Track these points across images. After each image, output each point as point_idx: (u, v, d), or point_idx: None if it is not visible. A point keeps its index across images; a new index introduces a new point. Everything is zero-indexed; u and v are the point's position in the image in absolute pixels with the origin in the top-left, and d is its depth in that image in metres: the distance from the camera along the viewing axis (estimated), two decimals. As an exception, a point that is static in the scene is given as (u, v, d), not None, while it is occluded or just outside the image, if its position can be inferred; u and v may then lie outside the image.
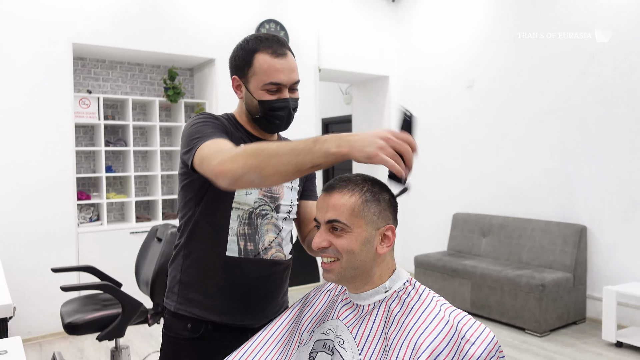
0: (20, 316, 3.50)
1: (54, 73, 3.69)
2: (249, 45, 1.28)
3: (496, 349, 0.94)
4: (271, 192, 1.29)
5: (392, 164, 0.89)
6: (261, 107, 1.26)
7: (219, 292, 1.25)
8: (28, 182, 3.61)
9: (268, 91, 1.25)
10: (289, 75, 1.25)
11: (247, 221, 1.26)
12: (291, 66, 1.26)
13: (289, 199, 1.33)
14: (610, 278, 3.78)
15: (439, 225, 5.13)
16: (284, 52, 1.25)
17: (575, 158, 3.99)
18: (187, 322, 1.26)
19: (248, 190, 1.25)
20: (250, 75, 1.26)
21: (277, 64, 1.23)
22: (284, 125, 1.31)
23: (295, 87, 1.30)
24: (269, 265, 1.28)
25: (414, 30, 5.41)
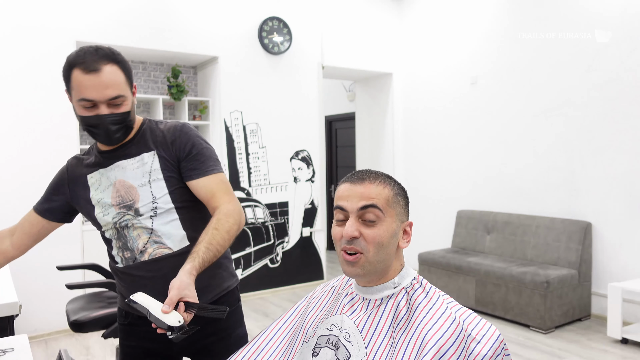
0: (26, 314, 3.52)
1: (57, 71, 3.69)
2: (68, 60, 1.26)
3: (502, 347, 0.94)
4: (124, 203, 1.35)
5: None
6: (81, 122, 1.30)
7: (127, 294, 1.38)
8: (33, 180, 3.62)
9: (83, 107, 1.26)
10: (101, 92, 1.23)
11: (117, 235, 1.39)
12: (103, 82, 1.23)
13: (148, 197, 1.35)
14: (615, 275, 3.77)
15: (443, 223, 5.12)
16: (96, 67, 1.23)
17: (579, 154, 3.97)
18: (123, 311, 1.49)
19: (104, 211, 1.37)
20: (71, 90, 1.27)
21: (86, 80, 1.22)
22: (108, 139, 1.31)
23: (119, 102, 1.27)
24: (150, 264, 1.36)
25: (417, 27, 5.39)
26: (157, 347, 1.42)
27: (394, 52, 5.54)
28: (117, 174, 1.37)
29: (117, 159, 1.38)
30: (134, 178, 1.36)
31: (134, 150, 1.38)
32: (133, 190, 1.35)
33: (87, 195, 1.40)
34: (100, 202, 1.38)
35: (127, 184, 1.36)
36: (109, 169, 1.38)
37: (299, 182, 4.96)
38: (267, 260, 4.79)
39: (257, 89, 4.66)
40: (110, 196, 1.37)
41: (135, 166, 1.36)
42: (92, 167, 1.40)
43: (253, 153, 4.68)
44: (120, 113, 1.28)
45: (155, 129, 1.40)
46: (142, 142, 1.38)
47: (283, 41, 4.73)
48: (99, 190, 1.39)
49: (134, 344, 1.46)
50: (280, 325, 1.19)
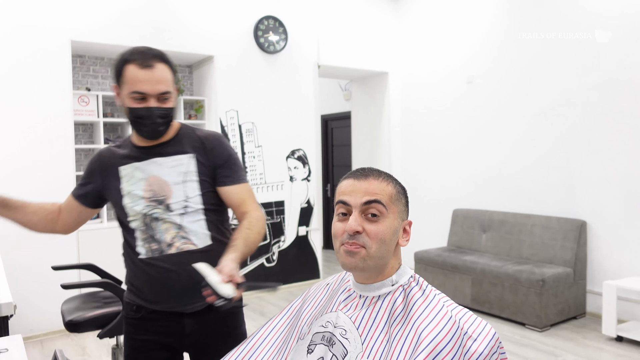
0: (21, 314, 3.50)
1: (52, 71, 3.68)
2: (123, 56, 1.40)
3: (497, 345, 0.95)
4: (156, 197, 1.44)
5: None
6: (129, 114, 1.40)
7: (145, 286, 1.46)
8: (28, 180, 3.61)
9: (134, 99, 1.37)
10: (154, 86, 1.36)
11: (144, 227, 1.45)
12: (156, 77, 1.36)
13: (181, 195, 1.45)
14: (610, 273, 3.79)
15: (439, 221, 5.13)
16: (150, 64, 1.36)
17: (575, 153, 3.99)
18: (133, 306, 1.51)
19: (134, 202, 1.45)
20: (122, 83, 1.39)
21: (141, 74, 1.35)
22: (152, 133, 1.42)
23: (167, 97, 1.39)
24: (176, 257, 1.43)
25: (413, 26, 5.40)
26: (167, 340, 1.48)
27: (390, 51, 5.54)
28: (153, 169, 1.45)
29: (154, 156, 1.46)
30: (169, 175, 1.45)
31: (172, 150, 1.47)
32: (167, 187, 1.44)
33: (117, 185, 1.47)
34: (131, 194, 1.45)
35: (162, 180, 1.45)
36: (144, 163, 1.46)
37: (295, 181, 4.96)
38: (263, 259, 4.78)
39: (253, 88, 4.65)
40: (142, 189, 1.45)
41: (172, 165, 1.46)
42: (126, 159, 1.48)
43: (249, 152, 4.68)
44: (167, 107, 1.40)
45: (192, 135, 1.51)
46: (180, 144, 1.48)
47: (279, 40, 4.72)
48: (130, 182, 1.46)
49: (142, 337, 1.49)
50: (275, 324, 1.19)
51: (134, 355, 1.51)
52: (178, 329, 1.46)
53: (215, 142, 1.51)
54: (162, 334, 1.47)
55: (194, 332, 1.48)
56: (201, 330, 1.48)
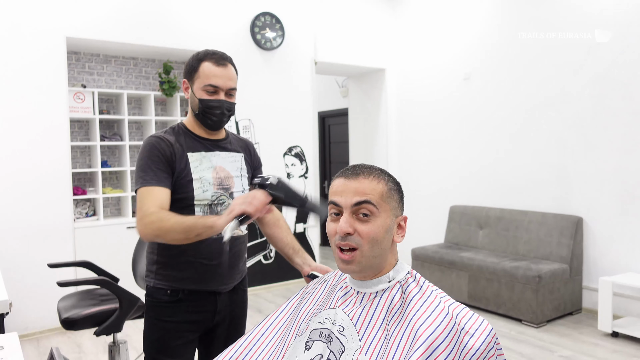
0: (16, 312, 3.49)
1: (48, 67, 3.66)
2: (199, 55, 1.58)
3: (494, 341, 0.95)
4: (223, 185, 1.61)
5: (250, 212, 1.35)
6: (200, 105, 1.56)
7: (191, 266, 1.56)
8: (23, 177, 3.59)
9: (207, 92, 1.55)
10: (226, 82, 1.56)
11: (208, 210, 1.58)
12: (229, 75, 1.57)
13: (240, 186, 1.65)
14: (606, 269, 3.80)
15: (436, 218, 5.14)
16: (224, 63, 1.57)
17: (571, 150, 4.00)
18: (167, 290, 1.58)
19: (204, 187, 1.56)
20: (196, 78, 1.56)
21: (216, 70, 1.54)
22: (217, 124, 1.60)
23: (232, 93, 1.59)
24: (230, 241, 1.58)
25: (410, 22, 5.39)
26: (200, 318, 1.61)
27: (387, 47, 5.54)
28: (218, 160, 1.63)
29: (218, 149, 1.64)
30: (231, 169, 1.65)
31: (230, 147, 1.68)
32: (230, 178, 1.64)
33: (188, 169, 1.56)
34: (202, 179, 1.57)
35: (226, 171, 1.63)
36: (211, 154, 1.62)
37: (292, 178, 4.95)
38: (261, 256, 4.78)
39: (249, 85, 4.64)
40: (211, 176, 1.59)
41: (230, 160, 1.66)
42: (193, 147, 1.60)
43: (246, 149, 4.66)
44: (233, 102, 1.61)
45: (237, 137, 1.76)
46: (233, 144, 1.71)
47: (275, 37, 4.70)
48: (200, 168, 1.58)
49: (176, 318, 1.58)
50: (272, 321, 1.19)
51: (166, 337, 1.58)
52: (211, 306, 1.61)
53: (254, 147, 1.81)
54: (196, 313, 1.60)
55: (223, 308, 1.64)
56: (227, 306, 1.66)
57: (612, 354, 3.14)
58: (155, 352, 1.61)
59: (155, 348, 1.60)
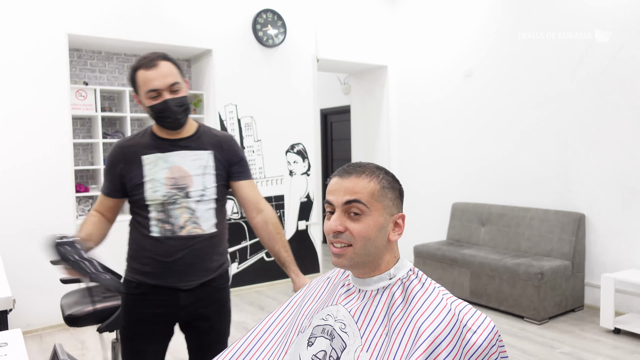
0: (20, 308, 3.50)
1: (49, 65, 3.66)
2: (133, 66, 1.59)
3: (496, 338, 0.95)
4: (177, 185, 1.63)
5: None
6: (150, 112, 1.59)
7: (149, 262, 1.64)
8: (26, 175, 3.60)
9: (151, 98, 1.56)
10: (162, 80, 1.55)
11: (161, 209, 1.62)
12: (162, 72, 1.55)
13: (200, 185, 1.65)
14: (608, 265, 3.80)
15: (438, 215, 5.13)
16: (154, 63, 1.55)
17: (573, 146, 3.99)
18: (134, 283, 1.68)
19: (155, 188, 1.61)
20: (138, 89, 1.59)
21: (149, 74, 1.54)
22: (175, 122, 1.61)
23: (176, 88, 1.58)
24: (186, 240, 1.63)
25: (412, 19, 5.37)
26: (163, 311, 1.66)
27: (389, 44, 5.52)
28: (176, 160, 1.64)
29: (178, 149, 1.65)
30: (190, 167, 1.65)
31: (194, 145, 1.67)
32: (188, 177, 1.64)
33: (140, 172, 1.63)
34: (153, 180, 1.62)
35: (184, 170, 1.64)
36: (168, 154, 1.64)
37: (295, 175, 4.95)
38: (263, 253, 4.79)
39: (251, 82, 4.64)
40: (164, 176, 1.62)
41: (193, 158, 1.66)
42: (149, 149, 1.64)
43: (248, 146, 4.67)
44: (180, 97, 1.59)
45: (210, 134, 1.73)
46: (200, 141, 1.69)
47: (277, 34, 4.70)
48: (154, 170, 1.63)
49: (141, 310, 1.67)
50: (275, 318, 1.19)
51: (132, 327, 1.69)
52: (174, 301, 1.65)
53: (231, 142, 1.75)
54: (159, 307, 1.66)
55: (188, 304, 1.67)
56: (194, 303, 1.67)
57: (614, 351, 3.14)
58: (127, 341, 1.72)
59: (126, 336, 1.71)
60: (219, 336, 1.75)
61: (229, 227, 5.16)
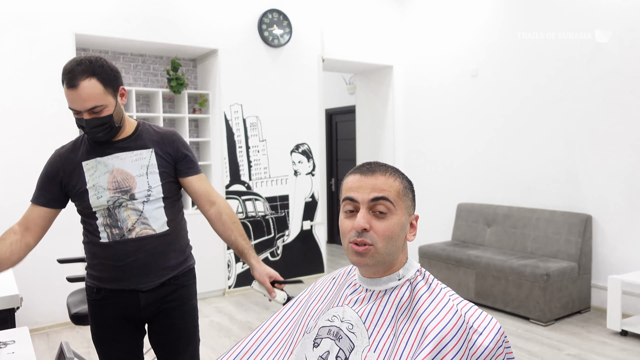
0: (27, 307, 3.52)
1: (56, 64, 3.68)
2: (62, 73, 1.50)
3: (503, 339, 0.95)
4: (120, 188, 1.58)
5: None
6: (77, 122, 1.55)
7: (104, 268, 1.62)
8: (31, 173, 3.61)
9: (73, 113, 1.52)
10: (81, 104, 1.46)
11: (107, 214, 1.59)
12: (82, 96, 1.45)
13: (145, 185, 1.60)
14: (615, 267, 3.77)
15: (444, 215, 5.12)
16: (75, 83, 1.44)
17: (580, 147, 3.97)
18: (94, 288, 1.67)
19: (98, 194, 1.57)
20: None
21: (69, 94, 1.46)
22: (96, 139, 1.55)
23: (97, 111, 1.49)
24: (136, 242, 1.59)
25: (417, 19, 5.36)
26: (126, 314, 1.65)
27: (394, 44, 5.51)
28: (116, 163, 1.58)
29: (117, 151, 1.59)
30: (132, 168, 1.59)
31: (133, 145, 1.61)
32: (131, 179, 1.58)
33: (82, 179, 1.59)
34: (95, 186, 1.57)
35: (125, 172, 1.59)
36: (107, 158, 1.58)
37: (300, 175, 4.95)
38: (268, 253, 4.79)
39: (257, 82, 4.64)
40: (106, 181, 1.57)
41: (134, 159, 1.60)
42: (88, 155, 1.59)
43: (253, 146, 4.68)
44: (101, 117, 1.50)
45: (151, 131, 1.66)
46: (140, 140, 1.63)
47: (283, 34, 4.70)
48: (95, 175, 1.58)
49: (105, 314, 1.66)
50: (280, 318, 1.19)
51: (100, 333, 1.68)
52: (135, 303, 1.63)
53: (173, 137, 1.68)
54: (121, 309, 1.64)
55: (149, 304, 1.65)
56: (155, 302, 1.65)
57: (620, 353, 3.12)
58: (98, 345, 1.70)
59: (97, 341, 1.70)
60: (181, 333, 1.71)
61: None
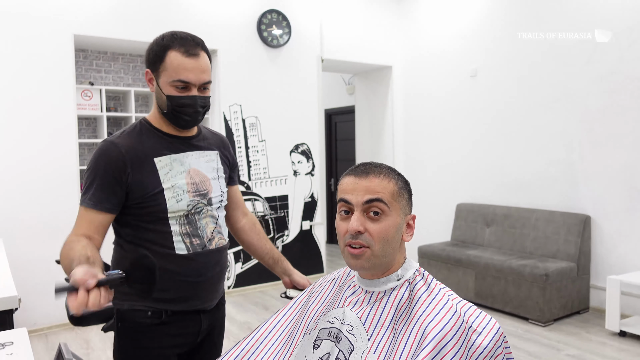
0: (25, 308, 3.52)
1: (55, 64, 3.68)
2: (163, 41, 1.32)
3: (502, 339, 0.95)
4: (199, 191, 1.40)
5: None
6: (169, 102, 1.32)
7: (174, 285, 1.36)
8: (32, 174, 3.61)
9: (176, 88, 1.31)
10: (199, 76, 1.32)
11: (185, 221, 1.37)
12: (201, 67, 1.32)
13: (218, 190, 1.45)
14: (614, 267, 3.77)
15: (443, 216, 5.12)
16: (196, 52, 1.31)
17: (579, 147, 3.97)
18: (147, 311, 1.36)
19: (178, 197, 1.35)
20: (162, 71, 1.32)
21: (187, 63, 1.30)
22: (192, 122, 1.37)
23: (207, 87, 1.36)
24: (216, 253, 1.43)
25: (417, 19, 5.36)
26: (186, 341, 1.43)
27: (394, 44, 5.52)
28: (192, 162, 1.40)
29: (190, 149, 1.41)
30: (206, 170, 1.43)
31: (203, 145, 1.45)
32: (207, 181, 1.42)
33: (155, 178, 1.33)
34: (174, 187, 1.35)
35: (202, 174, 1.42)
36: (182, 155, 1.39)
37: (299, 175, 4.95)
38: (267, 253, 4.78)
39: (256, 83, 4.64)
40: (184, 182, 1.37)
41: (206, 160, 1.45)
42: (158, 150, 1.36)
43: (252, 146, 4.67)
44: (208, 97, 1.37)
45: (210, 133, 1.53)
46: (206, 140, 1.48)
47: (282, 34, 4.70)
48: (170, 175, 1.35)
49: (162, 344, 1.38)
50: (280, 318, 1.19)
51: None
52: (196, 327, 1.42)
53: (228, 142, 1.58)
54: (181, 336, 1.40)
55: (206, 327, 1.46)
56: (210, 323, 1.48)
57: (619, 353, 3.12)
58: None
59: None
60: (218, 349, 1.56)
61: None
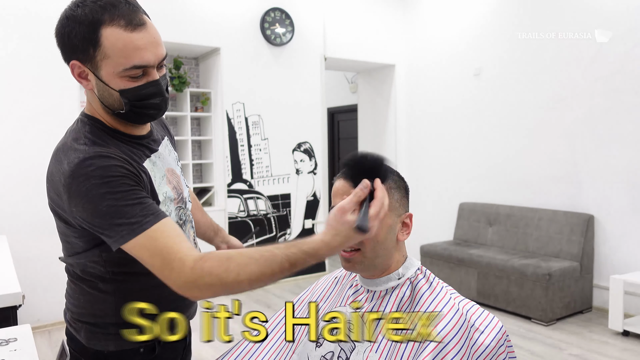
0: (29, 304, 3.53)
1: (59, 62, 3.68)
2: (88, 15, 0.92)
3: (504, 338, 0.95)
4: (179, 195, 1.12)
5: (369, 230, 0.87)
6: (125, 99, 0.96)
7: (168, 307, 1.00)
8: (35, 172, 3.62)
9: (130, 77, 0.95)
10: (155, 51, 0.95)
11: None
12: (155, 39, 0.96)
13: (185, 185, 1.18)
14: (617, 267, 3.76)
15: (445, 215, 5.11)
16: (140, 20, 0.94)
17: (582, 147, 3.96)
18: (139, 348, 1.08)
19: (168, 210, 1.08)
20: (101, 59, 0.93)
21: (136, 39, 0.92)
22: (160, 113, 1.04)
23: (163, 64, 1.00)
24: None
25: (420, 18, 5.35)
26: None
27: (397, 43, 5.51)
28: (164, 162, 1.10)
29: (155, 145, 1.10)
30: (174, 166, 1.14)
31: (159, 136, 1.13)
32: (180, 180, 1.14)
33: (154, 194, 1.04)
34: (166, 199, 1.06)
35: (175, 173, 1.13)
36: (154, 157, 1.08)
37: (301, 174, 4.95)
38: (269, 252, 4.79)
39: (259, 81, 4.64)
40: (170, 189, 1.08)
41: (168, 153, 1.14)
42: (139, 155, 1.04)
43: (255, 145, 4.68)
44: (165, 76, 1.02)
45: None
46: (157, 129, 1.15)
47: (285, 32, 4.70)
48: (156, 182, 1.05)
49: None
50: (281, 317, 1.19)
51: None
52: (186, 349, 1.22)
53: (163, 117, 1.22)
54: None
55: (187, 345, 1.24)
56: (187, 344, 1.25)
57: (622, 353, 3.12)
58: None
59: None
60: None
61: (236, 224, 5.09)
